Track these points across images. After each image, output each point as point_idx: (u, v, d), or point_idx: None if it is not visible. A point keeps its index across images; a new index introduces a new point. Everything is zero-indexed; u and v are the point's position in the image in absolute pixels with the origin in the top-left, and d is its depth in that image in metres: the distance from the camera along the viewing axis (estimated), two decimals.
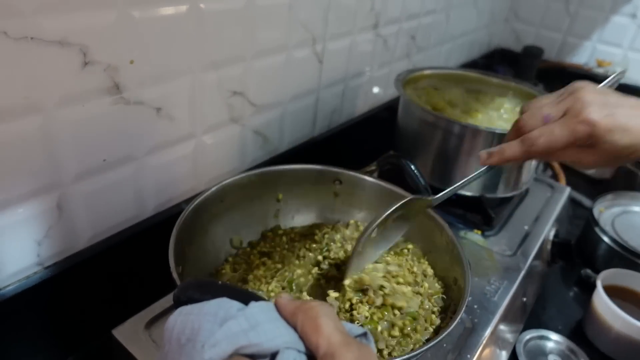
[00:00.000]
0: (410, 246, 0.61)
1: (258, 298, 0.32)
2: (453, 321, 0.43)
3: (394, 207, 0.48)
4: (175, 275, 0.42)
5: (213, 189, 0.55)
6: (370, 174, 0.66)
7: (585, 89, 0.44)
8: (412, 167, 0.67)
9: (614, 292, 0.70)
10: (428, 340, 0.48)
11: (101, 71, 0.47)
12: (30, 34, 0.41)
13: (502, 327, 0.60)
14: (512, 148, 0.46)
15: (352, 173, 0.65)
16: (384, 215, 0.48)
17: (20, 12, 0.39)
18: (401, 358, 0.42)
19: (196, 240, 0.53)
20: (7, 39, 0.39)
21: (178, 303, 0.33)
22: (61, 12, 0.42)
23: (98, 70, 0.47)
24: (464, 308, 0.45)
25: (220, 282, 0.35)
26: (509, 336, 0.65)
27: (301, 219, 0.65)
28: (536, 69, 1.44)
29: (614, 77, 0.55)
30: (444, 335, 0.42)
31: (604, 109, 0.42)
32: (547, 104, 0.46)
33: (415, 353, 0.42)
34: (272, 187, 0.63)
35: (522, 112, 0.49)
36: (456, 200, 0.77)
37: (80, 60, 0.45)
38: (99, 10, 0.45)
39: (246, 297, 0.31)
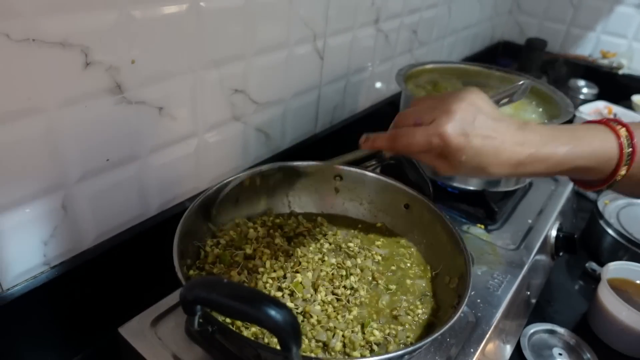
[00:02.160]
0: (412, 250, 0.61)
1: (263, 297, 0.32)
2: (457, 311, 0.43)
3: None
4: (180, 275, 0.43)
5: (214, 188, 0.55)
6: (370, 169, 0.66)
7: (464, 101, 0.45)
8: (414, 161, 0.67)
9: (619, 285, 0.70)
10: (429, 333, 0.48)
11: (103, 71, 0.48)
12: (32, 35, 0.41)
13: (506, 321, 0.60)
14: (381, 139, 0.49)
15: (352, 169, 0.65)
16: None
17: (21, 14, 0.40)
18: (403, 351, 0.42)
19: (199, 238, 0.53)
20: (9, 41, 0.40)
21: (185, 303, 0.33)
22: (62, 14, 0.42)
23: (100, 70, 0.47)
24: (467, 298, 0.45)
25: (225, 280, 0.35)
26: (514, 330, 0.65)
27: (302, 215, 0.65)
28: (540, 62, 1.43)
29: (514, 88, 0.56)
30: (446, 327, 0.42)
31: (464, 128, 0.43)
32: (426, 107, 0.47)
33: (420, 345, 0.42)
34: (274, 184, 0.63)
35: (407, 107, 0.50)
36: (459, 194, 0.77)
37: (82, 61, 0.45)
38: (100, 10, 0.45)
39: (253, 296, 0.31)
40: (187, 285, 0.33)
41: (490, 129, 0.44)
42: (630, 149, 0.47)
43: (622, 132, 0.47)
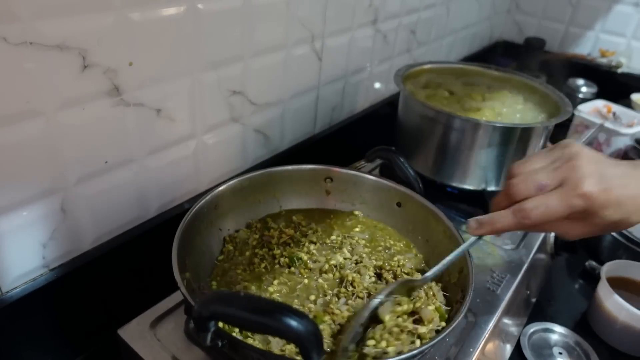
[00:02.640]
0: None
1: (283, 307, 0.31)
2: (461, 312, 0.44)
3: (379, 299, 0.45)
4: (183, 289, 0.42)
5: (207, 197, 0.55)
6: (360, 169, 0.67)
7: (580, 155, 0.42)
8: (401, 159, 0.67)
9: (618, 283, 0.70)
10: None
11: (100, 74, 0.48)
12: (30, 39, 0.41)
13: (505, 320, 0.60)
14: (503, 219, 0.44)
15: (342, 170, 0.65)
16: (370, 309, 0.45)
17: (18, 17, 0.40)
18: (410, 354, 0.42)
19: (195, 246, 0.53)
20: (6, 45, 0.40)
21: (200, 319, 0.32)
22: (59, 17, 0.43)
23: (97, 73, 0.47)
24: (469, 296, 0.45)
25: (242, 293, 0.34)
26: (513, 329, 0.65)
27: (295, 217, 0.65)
28: (539, 61, 1.43)
29: (595, 130, 0.54)
30: (451, 327, 0.42)
31: (602, 182, 0.40)
32: (541, 169, 0.43)
33: (426, 346, 0.42)
34: (266, 188, 0.63)
35: (511, 176, 0.45)
36: (458, 194, 0.77)
37: (80, 64, 0.46)
38: (97, 13, 0.45)
39: (272, 308, 0.31)
40: (202, 300, 0.32)
41: (622, 176, 0.41)
42: None
43: None
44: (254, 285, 0.52)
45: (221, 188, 0.57)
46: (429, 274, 0.50)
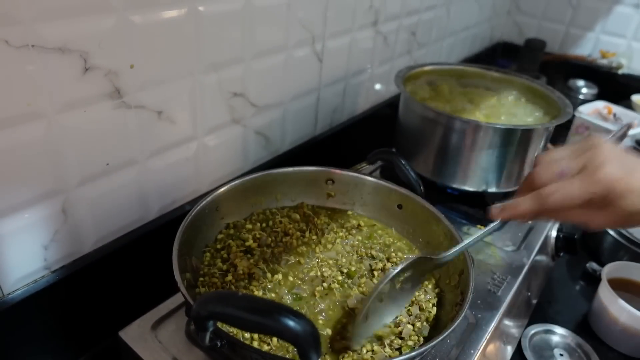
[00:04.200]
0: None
1: (281, 308, 0.31)
2: (461, 313, 0.44)
3: (396, 270, 0.46)
4: (183, 290, 0.42)
5: (208, 198, 0.55)
6: (360, 171, 0.67)
7: (603, 146, 0.42)
8: (402, 160, 0.67)
9: (619, 285, 0.70)
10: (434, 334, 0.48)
11: (102, 76, 0.48)
12: (31, 41, 0.41)
13: (506, 322, 0.60)
14: (524, 203, 0.44)
15: (343, 172, 0.65)
16: (385, 281, 0.46)
17: (20, 20, 0.40)
18: (409, 355, 0.42)
19: (196, 247, 0.53)
20: (8, 48, 0.40)
21: (199, 319, 0.32)
22: (60, 19, 0.43)
23: (99, 75, 0.47)
24: (469, 297, 0.45)
25: (240, 293, 0.35)
26: (514, 331, 0.65)
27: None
28: (539, 62, 1.43)
29: (622, 129, 0.54)
30: (452, 328, 0.42)
31: (622, 168, 0.40)
32: (563, 158, 0.43)
33: (427, 347, 0.42)
34: (267, 190, 0.63)
35: (535, 164, 0.46)
36: (458, 196, 0.77)
37: (81, 66, 0.46)
38: (98, 15, 0.46)
39: (270, 308, 0.31)
40: (200, 301, 0.32)
41: None
42: None
43: None
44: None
45: (222, 189, 0.57)
46: (447, 253, 0.50)
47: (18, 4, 0.39)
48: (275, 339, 0.46)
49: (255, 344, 0.45)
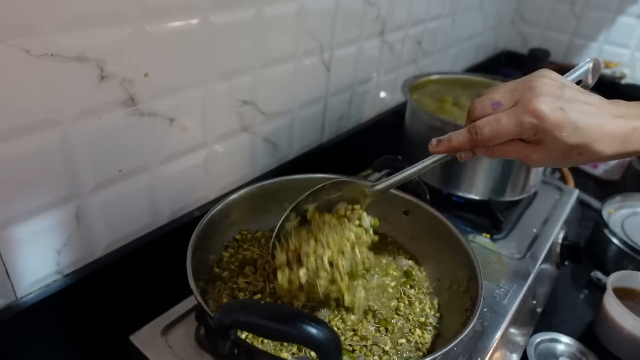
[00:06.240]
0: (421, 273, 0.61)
1: (303, 315, 0.32)
2: (472, 320, 0.44)
3: (316, 188, 0.49)
4: (198, 298, 0.43)
5: (219, 206, 0.56)
6: (367, 178, 0.67)
7: (544, 77, 0.40)
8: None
9: (624, 294, 0.71)
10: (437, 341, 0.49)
11: (117, 84, 0.49)
12: (50, 51, 0.42)
13: (512, 330, 0.61)
14: (459, 136, 0.43)
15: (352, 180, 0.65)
16: (304, 196, 0.49)
17: (40, 30, 0.41)
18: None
19: (207, 254, 0.54)
20: (28, 57, 0.41)
21: (221, 327, 0.32)
22: (79, 29, 0.44)
23: (114, 83, 0.48)
24: (480, 304, 0.46)
25: (262, 301, 0.35)
26: (520, 339, 0.66)
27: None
28: None
29: (583, 65, 0.48)
30: (462, 336, 0.43)
31: (557, 101, 0.38)
32: (503, 91, 0.42)
33: (437, 355, 0.42)
34: (275, 197, 0.63)
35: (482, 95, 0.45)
36: (464, 204, 0.77)
37: (97, 75, 0.47)
38: (115, 26, 0.47)
39: (293, 316, 0.32)
40: (223, 309, 0.33)
41: (583, 101, 0.39)
42: None
43: None
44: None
45: (233, 196, 0.58)
46: (380, 185, 0.52)
47: (39, 15, 0.41)
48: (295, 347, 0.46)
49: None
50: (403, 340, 0.50)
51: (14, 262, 0.47)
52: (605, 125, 0.39)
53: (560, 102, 0.39)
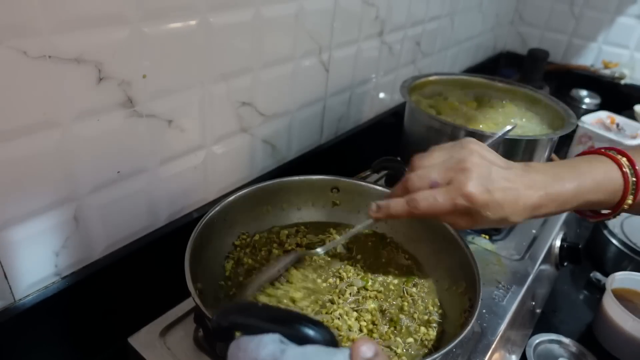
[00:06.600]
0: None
1: (301, 317, 0.32)
2: (470, 321, 0.44)
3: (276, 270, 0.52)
4: (197, 300, 0.43)
5: (217, 207, 0.56)
6: (366, 179, 0.67)
7: (473, 157, 0.46)
8: (407, 169, 0.68)
9: (623, 295, 0.71)
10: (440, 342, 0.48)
11: (115, 86, 0.49)
12: (48, 52, 0.42)
13: (511, 331, 0.61)
14: (397, 206, 0.48)
15: (349, 180, 0.66)
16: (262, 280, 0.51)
17: (38, 32, 0.41)
18: None
19: (206, 256, 0.53)
20: (26, 58, 0.41)
21: (218, 330, 0.32)
22: (77, 31, 0.44)
23: (112, 85, 0.48)
24: (478, 305, 0.46)
25: (260, 303, 0.35)
26: (519, 340, 0.66)
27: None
28: (542, 72, 1.44)
29: (503, 133, 0.59)
30: (460, 337, 0.43)
31: (485, 183, 0.44)
32: (436, 166, 0.47)
33: (435, 356, 0.42)
34: (274, 198, 0.64)
35: (410, 169, 0.50)
36: None
37: (95, 76, 0.47)
38: (113, 27, 0.47)
39: (291, 317, 0.32)
40: (221, 312, 0.33)
41: (506, 180, 0.45)
42: (635, 178, 0.48)
43: (624, 161, 0.48)
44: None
45: (231, 198, 0.58)
46: (320, 249, 0.56)
47: (37, 16, 0.40)
48: None
49: None
50: (411, 340, 0.50)
51: (11, 264, 0.47)
52: (519, 200, 0.45)
53: (488, 184, 0.45)
